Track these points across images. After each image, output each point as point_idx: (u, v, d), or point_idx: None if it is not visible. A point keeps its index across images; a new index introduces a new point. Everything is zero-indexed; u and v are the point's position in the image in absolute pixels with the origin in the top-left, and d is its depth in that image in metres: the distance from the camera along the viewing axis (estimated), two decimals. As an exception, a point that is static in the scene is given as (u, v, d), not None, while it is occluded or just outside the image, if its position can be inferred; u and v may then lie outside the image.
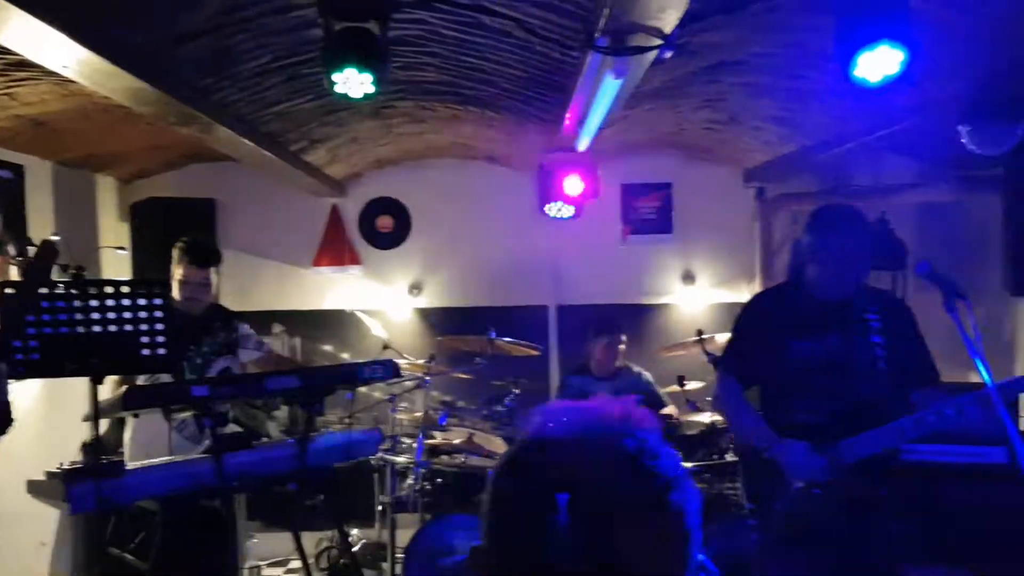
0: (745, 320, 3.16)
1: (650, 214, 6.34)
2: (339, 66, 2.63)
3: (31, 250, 2.76)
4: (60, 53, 2.61)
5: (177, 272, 4.04)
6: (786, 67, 3.75)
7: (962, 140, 3.61)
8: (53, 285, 2.87)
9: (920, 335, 3.06)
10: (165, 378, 3.74)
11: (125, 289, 3.08)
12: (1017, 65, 3.19)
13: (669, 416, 5.06)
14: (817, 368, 2.93)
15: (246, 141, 4.10)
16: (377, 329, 5.60)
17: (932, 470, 3.47)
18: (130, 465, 3.36)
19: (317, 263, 6.37)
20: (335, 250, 6.38)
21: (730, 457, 4.57)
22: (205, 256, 4.11)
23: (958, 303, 2.68)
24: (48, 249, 2.70)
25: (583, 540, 0.81)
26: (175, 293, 3.98)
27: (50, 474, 3.13)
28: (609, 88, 2.92)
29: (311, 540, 5.33)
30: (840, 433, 2.84)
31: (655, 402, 5.10)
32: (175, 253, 4.09)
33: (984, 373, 2.71)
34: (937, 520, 3.58)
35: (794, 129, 4.80)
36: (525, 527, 0.84)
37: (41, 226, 4.72)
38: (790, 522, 2.83)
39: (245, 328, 4.37)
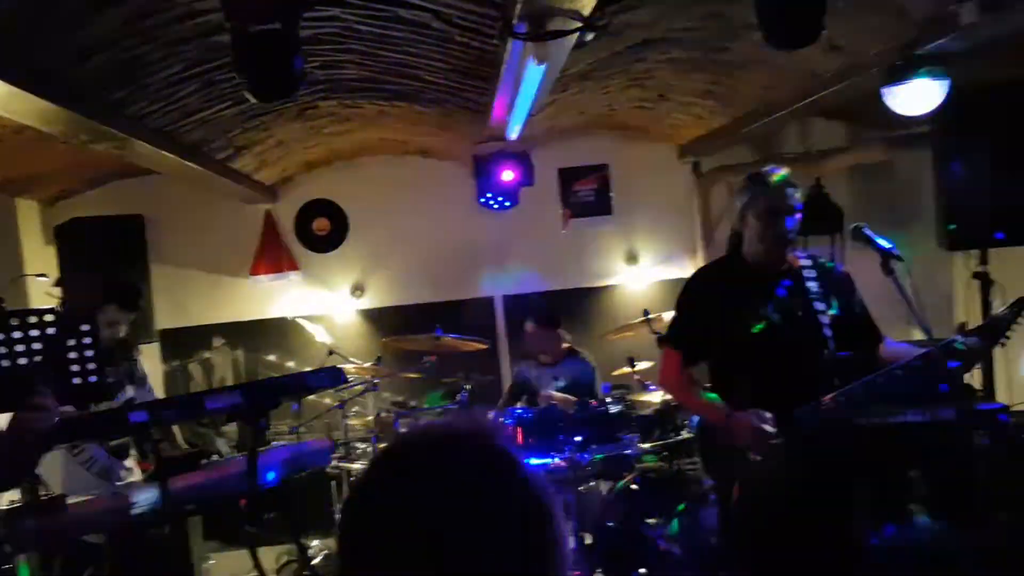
0: (688, 296, 3.14)
1: (589, 196, 6.32)
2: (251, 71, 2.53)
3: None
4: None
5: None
6: (710, 40, 3.74)
7: (886, 102, 3.65)
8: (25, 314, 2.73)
9: (860, 297, 3.08)
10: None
11: (49, 318, 2.95)
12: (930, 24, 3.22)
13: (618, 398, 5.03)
14: (762, 339, 2.93)
15: (167, 154, 3.97)
16: (321, 335, 5.49)
17: (885, 431, 3.49)
18: (71, 500, 3.23)
19: (254, 272, 6.21)
20: (272, 257, 6.23)
21: (686, 434, 4.58)
22: (132, 299, 4.02)
23: (894, 263, 2.71)
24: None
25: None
26: None
27: (-12, 514, 2.99)
28: (533, 74, 2.87)
29: (271, 555, 5.22)
30: (791, 403, 2.84)
31: (588, 390, 5.08)
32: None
33: (925, 331, 2.75)
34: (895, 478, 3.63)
35: (723, 102, 4.81)
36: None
37: (-43, 257, 4.52)
38: (751, 494, 2.83)
39: (142, 366, 4.27)
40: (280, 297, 6.27)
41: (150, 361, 5.93)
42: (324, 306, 6.28)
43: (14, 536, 2.95)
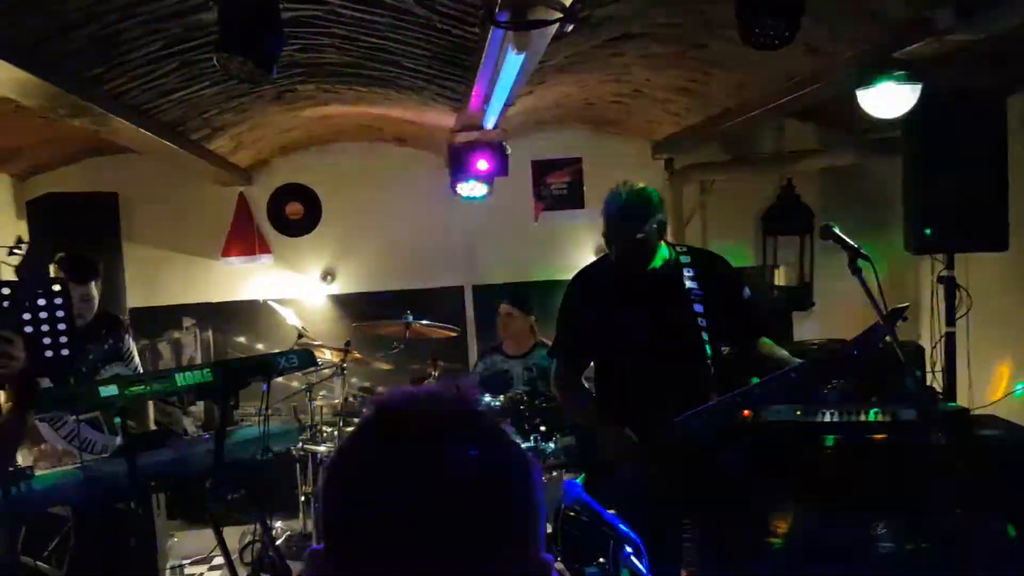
0: (570, 301, 3.11)
1: (562, 189, 6.37)
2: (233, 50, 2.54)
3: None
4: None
5: None
6: (688, 37, 3.80)
7: (860, 104, 3.72)
8: None
9: (740, 291, 3.08)
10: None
11: (7, 291, 2.94)
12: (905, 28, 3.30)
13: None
14: (642, 345, 2.93)
15: (144, 131, 3.96)
16: (291, 318, 5.50)
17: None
18: (39, 471, 3.24)
19: (226, 254, 6.21)
20: (244, 240, 6.22)
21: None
22: (84, 270, 3.97)
23: (861, 263, 2.77)
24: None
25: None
26: None
27: (-47, 485, 2.98)
28: (512, 64, 2.91)
29: (234, 535, 5.22)
30: (666, 412, 2.80)
31: None
32: (52, 269, 3.94)
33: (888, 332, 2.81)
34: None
35: (699, 99, 4.88)
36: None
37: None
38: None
39: (130, 343, 4.26)
40: (251, 280, 6.27)
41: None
42: (294, 290, 6.29)
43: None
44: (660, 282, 2.95)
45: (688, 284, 2.94)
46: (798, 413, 3.30)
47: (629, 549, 2.66)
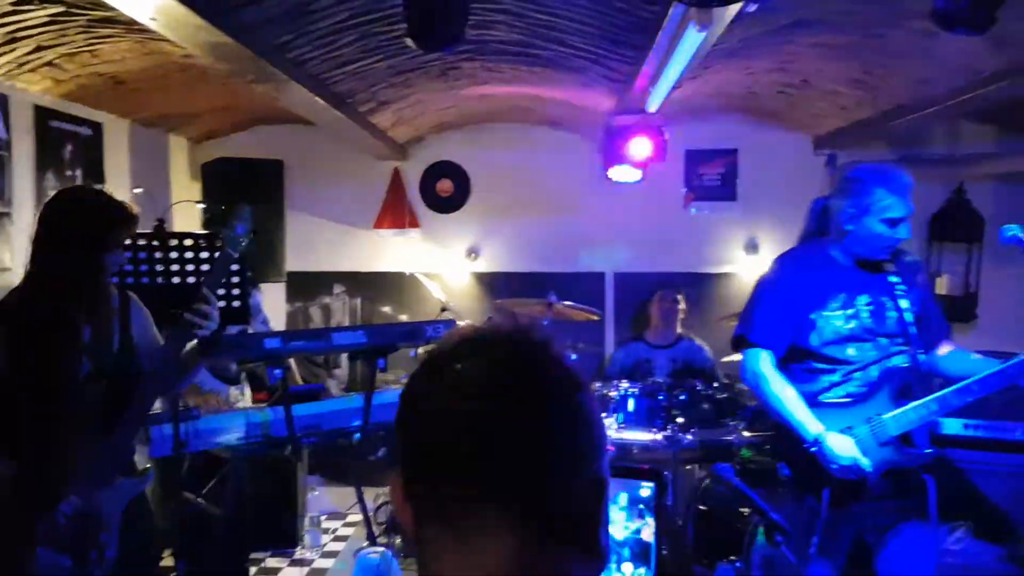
0: (767, 290, 2.92)
1: (714, 181, 6.25)
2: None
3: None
4: (149, 4, 2.65)
5: None
6: (867, 25, 3.64)
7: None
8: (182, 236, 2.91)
9: (933, 289, 2.95)
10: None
11: (203, 242, 3.14)
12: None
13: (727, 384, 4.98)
14: (851, 337, 2.80)
15: (319, 100, 4.13)
16: (436, 291, 5.64)
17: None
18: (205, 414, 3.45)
19: (378, 225, 6.42)
20: (396, 213, 6.42)
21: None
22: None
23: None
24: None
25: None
26: None
27: (128, 419, 3.21)
28: (690, 42, 2.86)
29: (369, 495, 5.41)
30: (879, 405, 2.73)
31: (710, 376, 5.04)
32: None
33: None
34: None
35: (871, 93, 4.67)
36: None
37: (119, 183, 4.84)
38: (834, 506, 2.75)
39: (258, 299, 4.44)
40: (399, 252, 6.46)
41: (276, 299, 6.24)
42: (439, 265, 6.44)
43: (153, 439, 3.19)
44: (873, 274, 2.83)
45: (894, 279, 2.82)
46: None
47: (781, 537, 2.62)
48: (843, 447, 2.66)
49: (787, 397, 2.77)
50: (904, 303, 2.78)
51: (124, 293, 2.58)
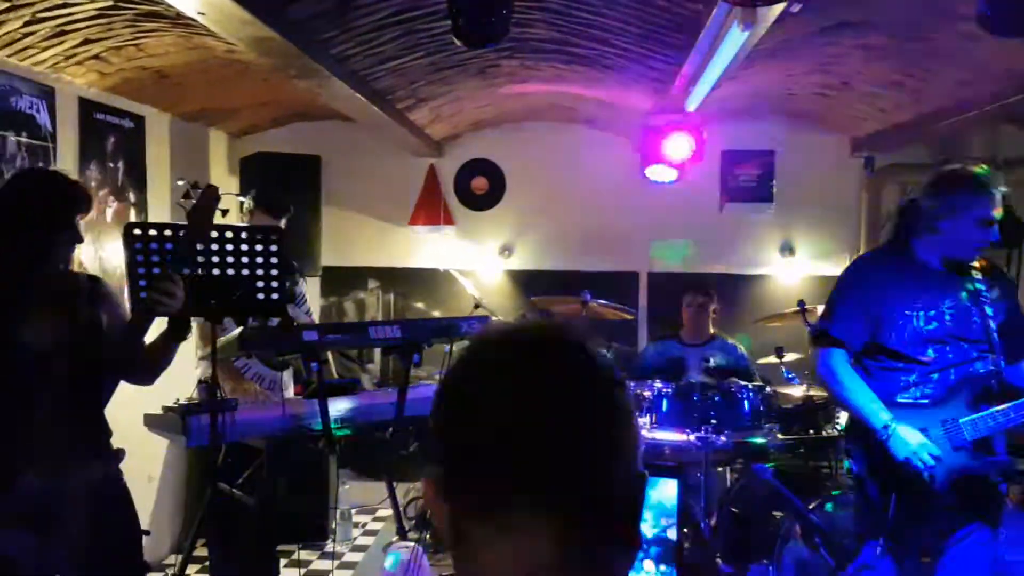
0: (850, 285, 2.95)
1: (750, 182, 6.21)
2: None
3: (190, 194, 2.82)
4: (196, -2, 2.69)
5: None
6: (912, 26, 3.60)
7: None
8: (223, 229, 2.96)
9: (1020, 303, 2.93)
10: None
11: (244, 235, 3.18)
12: None
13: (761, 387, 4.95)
14: (931, 338, 2.80)
15: (359, 96, 4.16)
16: (470, 288, 5.66)
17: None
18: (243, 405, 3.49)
19: (413, 222, 6.45)
20: (431, 210, 6.45)
21: (827, 433, 4.47)
22: (279, 207, 4.28)
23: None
24: (211, 194, 2.76)
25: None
26: None
27: (167, 408, 3.26)
28: (733, 41, 2.85)
29: (399, 490, 5.45)
30: (956, 409, 2.74)
31: (746, 374, 5.00)
32: (244, 204, 4.27)
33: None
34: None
35: (912, 95, 4.62)
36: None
37: (159, 175, 4.91)
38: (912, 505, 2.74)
39: (303, 287, 4.48)
40: (433, 249, 6.49)
41: (311, 294, 6.28)
42: (472, 262, 6.46)
43: (191, 428, 3.23)
44: (956, 278, 2.84)
45: (978, 284, 2.80)
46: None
47: (819, 538, 2.61)
48: (912, 436, 2.66)
49: (862, 389, 2.81)
50: (989, 310, 2.77)
51: (94, 277, 2.69)
